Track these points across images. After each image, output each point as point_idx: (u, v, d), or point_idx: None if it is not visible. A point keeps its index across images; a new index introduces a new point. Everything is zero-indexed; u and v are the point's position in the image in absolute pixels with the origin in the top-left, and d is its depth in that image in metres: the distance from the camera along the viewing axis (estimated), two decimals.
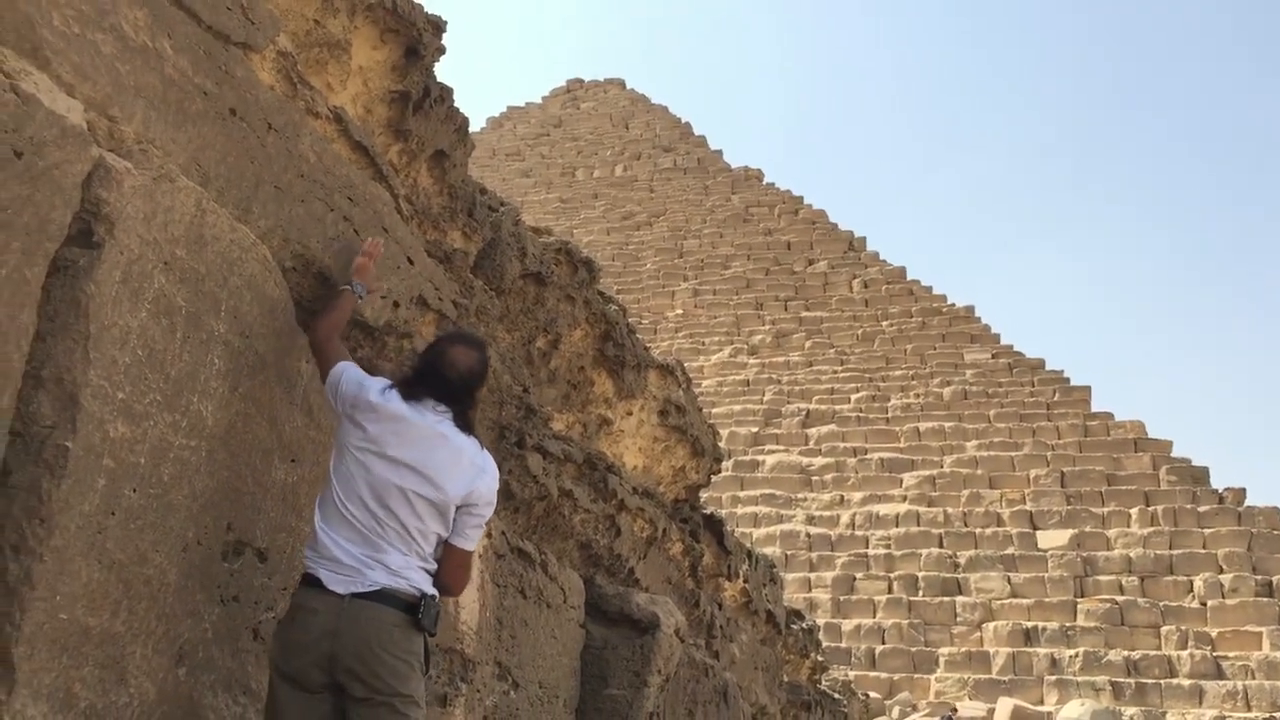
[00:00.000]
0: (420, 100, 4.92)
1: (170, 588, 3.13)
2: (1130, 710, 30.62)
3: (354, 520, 3.33)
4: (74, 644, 2.78)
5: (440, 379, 3.62)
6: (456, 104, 5.24)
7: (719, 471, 9.03)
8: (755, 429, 45.47)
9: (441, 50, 4.98)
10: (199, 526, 3.27)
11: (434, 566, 3.45)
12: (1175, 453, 40.55)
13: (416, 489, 3.38)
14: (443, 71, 5.12)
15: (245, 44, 3.76)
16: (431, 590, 3.39)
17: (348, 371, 3.63)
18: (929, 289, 54.15)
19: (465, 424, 3.63)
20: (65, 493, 2.74)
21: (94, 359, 2.84)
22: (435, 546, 3.48)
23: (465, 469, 3.50)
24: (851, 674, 30.22)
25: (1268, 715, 29.52)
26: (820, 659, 12.95)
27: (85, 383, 2.81)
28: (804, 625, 12.38)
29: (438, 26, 4.94)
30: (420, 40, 4.75)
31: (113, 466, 2.89)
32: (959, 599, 35.47)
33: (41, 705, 2.67)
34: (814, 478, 42.23)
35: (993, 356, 48.55)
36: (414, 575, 3.33)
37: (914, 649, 34.30)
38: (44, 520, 2.70)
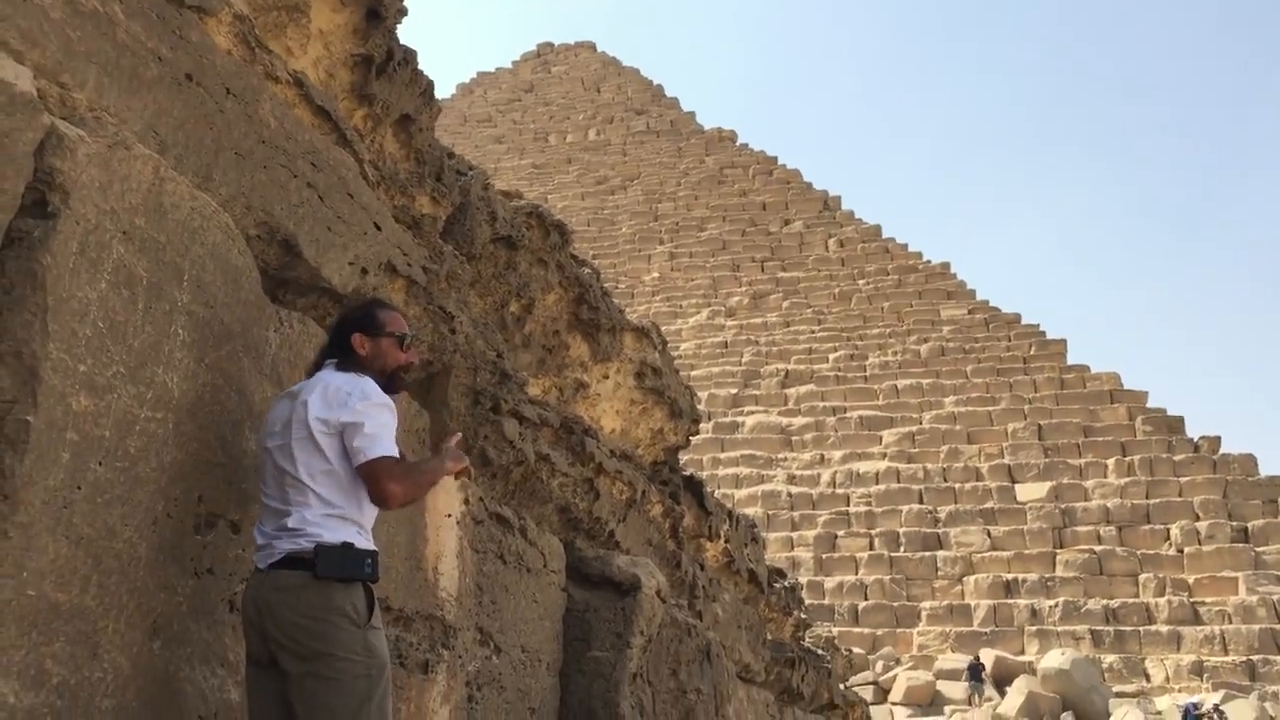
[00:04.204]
0: (383, 63, 4.84)
1: (141, 561, 3.09)
2: (1110, 658, 31.08)
3: (266, 501, 3.36)
4: (44, 620, 2.75)
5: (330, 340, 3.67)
6: (421, 67, 5.17)
7: (697, 433, 9.04)
8: (734, 390, 45.61)
9: (403, 12, 4.90)
10: (169, 499, 3.23)
11: (345, 509, 3.34)
12: (1151, 403, 40.97)
13: (293, 436, 3.33)
14: (411, 37, 5.06)
15: (200, 8, 3.68)
16: (334, 538, 3.26)
17: None
18: (904, 246, 54.29)
19: (346, 366, 3.55)
20: (29, 468, 2.69)
21: (53, 331, 2.78)
22: (339, 484, 3.33)
23: (330, 394, 3.38)
24: (835, 630, 30.45)
25: (1244, 658, 29.99)
26: (803, 616, 13.03)
27: (45, 356, 2.75)
28: (786, 584, 12.45)
29: None
30: (381, 2, 4.67)
31: (77, 440, 2.85)
32: (940, 553, 35.83)
33: (13, 683, 2.64)
34: (794, 437, 42.44)
35: (969, 312, 48.79)
36: (311, 528, 3.24)
37: (896, 604, 34.66)
38: (8, 496, 2.65)
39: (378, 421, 3.35)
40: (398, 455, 3.39)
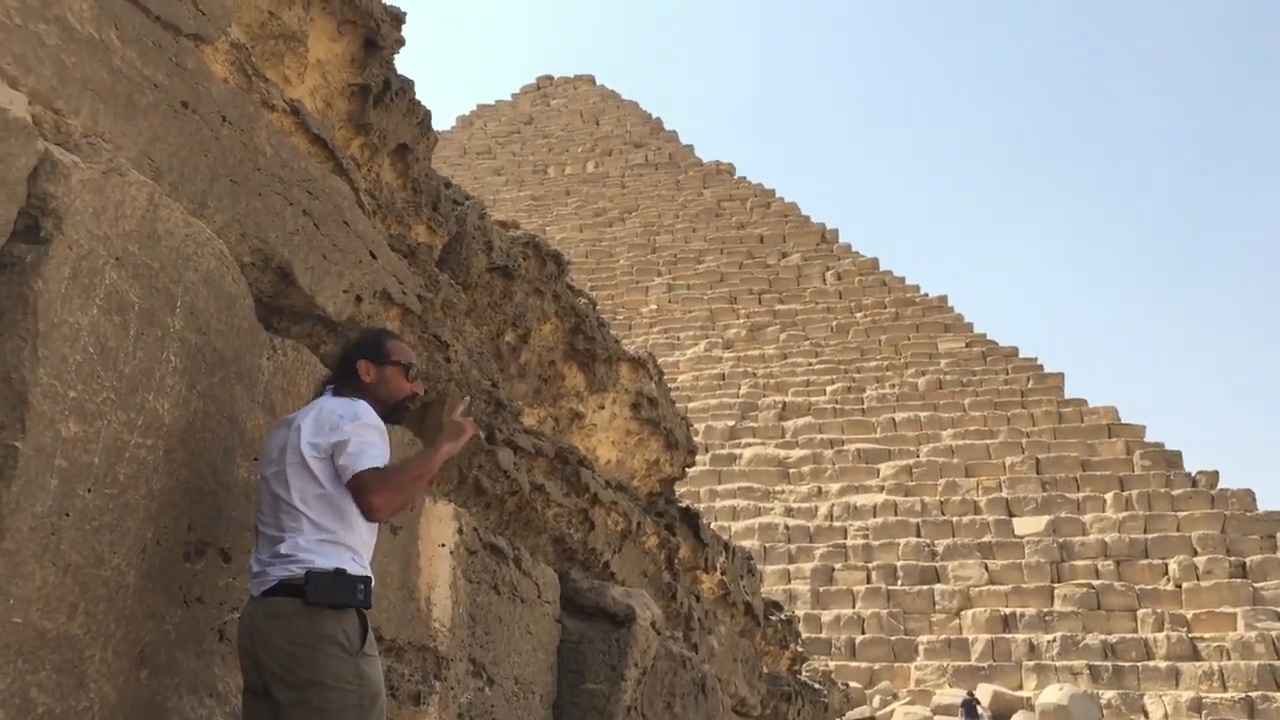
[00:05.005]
0: (380, 93, 4.86)
1: (129, 589, 3.06)
2: (1108, 693, 30.84)
3: (262, 529, 3.33)
4: (29, 648, 2.72)
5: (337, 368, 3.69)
6: (418, 97, 5.19)
7: (693, 464, 9.01)
8: (732, 422, 45.51)
9: (401, 42, 4.93)
10: (158, 527, 3.20)
11: (338, 534, 3.30)
12: (1148, 438, 40.87)
13: (287, 462, 3.31)
14: (412, 69, 5.09)
15: (196, 35, 3.69)
16: (326, 564, 3.22)
17: None
18: (902, 279, 54.33)
19: (344, 392, 3.53)
20: (16, 494, 2.67)
21: (43, 357, 2.77)
22: (332, 508, 3.30)
23: (322, 419, 3.36)
24: (832, 664, 30.30)
25: (1243, 695, 29.78)
26: (800, 650, 12.95)
27: (34, 381, 2.74)
28: (783, 616, 12.38)
29: (396, 18, 4.89)
30: (378, 32, 4.70)
31: (65, 467, 2.83)
32: (937, 587, 35.61)
33: None
34: (791, 470, 42.30)
35: (966, 345, 48.77)
36: (303, 554, 3.21)
37: (893, 638, 34.42)
38: None
39: (363, 439, 3.33)
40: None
